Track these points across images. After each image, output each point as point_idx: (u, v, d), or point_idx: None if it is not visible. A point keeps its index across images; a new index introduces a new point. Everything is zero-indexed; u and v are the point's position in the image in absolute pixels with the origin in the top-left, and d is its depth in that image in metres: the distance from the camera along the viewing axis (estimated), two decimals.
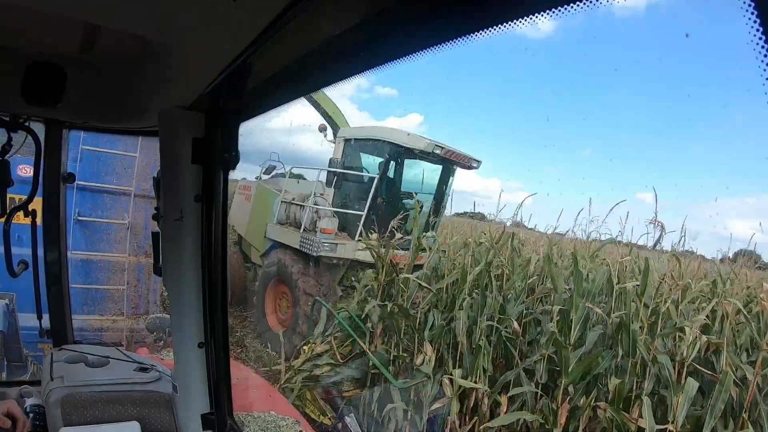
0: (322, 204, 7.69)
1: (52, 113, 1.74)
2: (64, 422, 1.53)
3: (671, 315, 3.98)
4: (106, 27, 0.99)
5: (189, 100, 1.27)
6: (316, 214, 7.42)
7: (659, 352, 3.80)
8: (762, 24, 0.37)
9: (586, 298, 4.18)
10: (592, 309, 4.14)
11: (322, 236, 7.10)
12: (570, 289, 4.37)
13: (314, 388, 5.24)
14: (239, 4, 0.67)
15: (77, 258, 5.46)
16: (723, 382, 3.41)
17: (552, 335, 4.10)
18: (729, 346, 3.67)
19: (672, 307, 4.00)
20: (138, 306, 5.99)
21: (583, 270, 4.38)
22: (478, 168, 8.01)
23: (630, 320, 3.94)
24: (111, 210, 5.73)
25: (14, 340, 3.96)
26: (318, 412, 5.09)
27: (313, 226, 7.35)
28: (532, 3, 0.50)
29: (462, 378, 4.30)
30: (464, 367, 4.51)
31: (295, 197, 8.11)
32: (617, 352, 3.97)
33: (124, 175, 5.72)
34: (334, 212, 7.52)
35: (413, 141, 7.27)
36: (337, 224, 7.38)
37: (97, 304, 5.68)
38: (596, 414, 3.86)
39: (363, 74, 0.80)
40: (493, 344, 4.49)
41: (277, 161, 9.72)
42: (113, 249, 5.77)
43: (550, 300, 4.67)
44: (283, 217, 8.09)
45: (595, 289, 4.35)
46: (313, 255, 7.05)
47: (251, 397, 3.77)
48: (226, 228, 1.49)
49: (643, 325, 3.95)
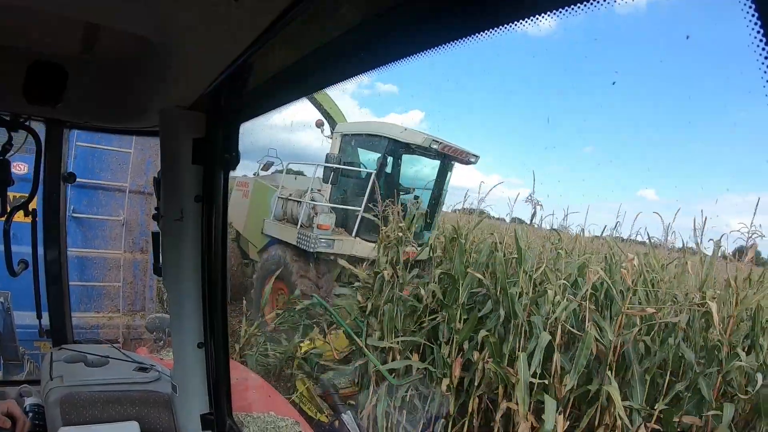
0: (319, 200, 7.67)
1: (52, 113, 1.74)
2: (64, 422, 1.53)
3: (549, 281, 4.46)
4: (106, 27, 1.00)
5: (189, 100, 1.27)
6: (313, 210, 7.39)
7: (534, 314, 4.27)
8: (762, 24, 0.37)
9: (475, 268, 4.68)
10: (474, 275, 4.60)
11: (319, 232, 7.08)
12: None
13: (311, 384, 5.27)
14: (240, 4, 0.67)
15: (73, 255, 5.43)
16: (584, 340, 3.83)
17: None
18: (598, 310, 4.21)
19: (551, 275, 4.49)
20: (134, 303, 5.97)
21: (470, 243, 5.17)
22: (476, 163, 8.01)
23: (508, 286, 4.40)
24: (106, 206, 5.69)
25: (10, 338, 3.95)
26: (315, 409, 5.11)
27: (310, 222, 7.33)
28: (533, 3, 0.50)
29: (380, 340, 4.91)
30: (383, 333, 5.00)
31: (292, 193, 8.10)
32: (500, 315, 4.42)
33: (119, 171, 5.68)
34: (331, 208, 7.50)
35: (410, 136, 7.28)
36: (334, 220, 7.36)
37: (93, 301, 5.66)
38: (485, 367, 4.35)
39: (363, 74, 0.80)
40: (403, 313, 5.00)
41: (275, 157, 9.74)
42: (109, 246, 5.74)
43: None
44: (281, 213, 8.07)
45: (481, 260, 4.82)
46: (311, 251, 7.04)
47: (250, 398, 3.77)
48: (227, 228, 1.49)
49: (522, 291, 4.38)
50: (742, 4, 0.37)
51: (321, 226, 7.16)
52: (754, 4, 0.37)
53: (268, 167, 9.79)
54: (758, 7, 0.37)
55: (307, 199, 7.55)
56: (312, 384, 5.27)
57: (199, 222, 1.43)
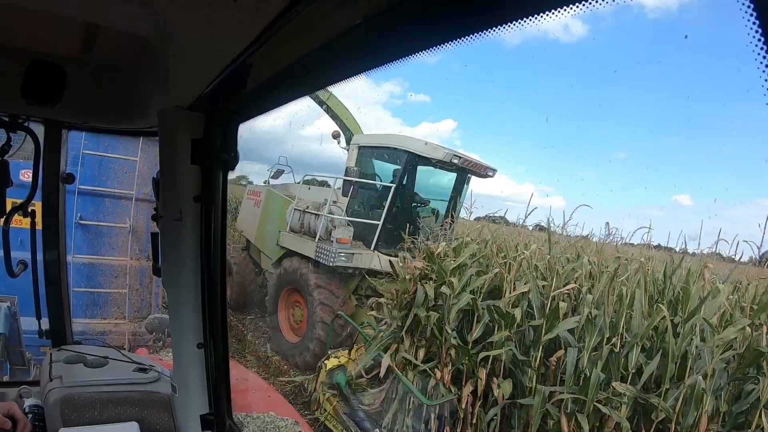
0: (336, 213, 7.59)
1: (51, 113, 1.74)
2: (63, 423, 1.53)
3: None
4: (105, 27, 1.00)
5: (188, 101, 1.27)
6: (331, 223, 7.30)
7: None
8: (762, 24, 0.37)
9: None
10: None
11: (338, 246, 7.00)
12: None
13: (337, 403, 5.20)
14: (239, 5, 0.67)
15: (79, 262, 5.45)
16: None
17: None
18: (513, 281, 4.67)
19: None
20: (140, 309, 6.00)
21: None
22: (493, 176, 7.93)
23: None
24: (112, 214, 5.74)
25: (16, 343, 3.93)
26: (341, 427, 5.02)
27: (328, 235, 7.24)
28: (533, 3, 0.50)
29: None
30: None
31: (309, 205, 7.99)
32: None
33: (125, 179, 5.74)
34: (349, 221, 7.40)
35: (431, 150, 7.19)
36: (352, 233, 7.28)
37: (99, 307, 5.69)
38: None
39: (363, 74, 0.80)
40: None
41: (285, 165, 9.72)
42: (115, 252, 5.79)
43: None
44: (297, 225, 7.97)
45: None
46: (329, 265, 6.96)
47: (250, 398, 3.77)
48: (226, 228, 1.49)
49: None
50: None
51: (340, 239, 7.08)
52: (753, 4, 0.37)
53: (278, 175, 9.77)
54: (758, 7, 0.37)
55: (325, 211, 7.44)
56: (338, 402, 5.20)
57: (199, 222, 1.42)
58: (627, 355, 4.05)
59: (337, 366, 5.46)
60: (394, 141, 7.61)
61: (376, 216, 7.40)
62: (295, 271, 7.50)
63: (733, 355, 3.81)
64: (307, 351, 7.02)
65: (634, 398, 3.88)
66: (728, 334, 3.75)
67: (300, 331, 7.44)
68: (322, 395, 5.34)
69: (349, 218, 7.49)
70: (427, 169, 7.65)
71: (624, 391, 3.87)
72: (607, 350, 4.05)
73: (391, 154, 7.74)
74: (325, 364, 5.54)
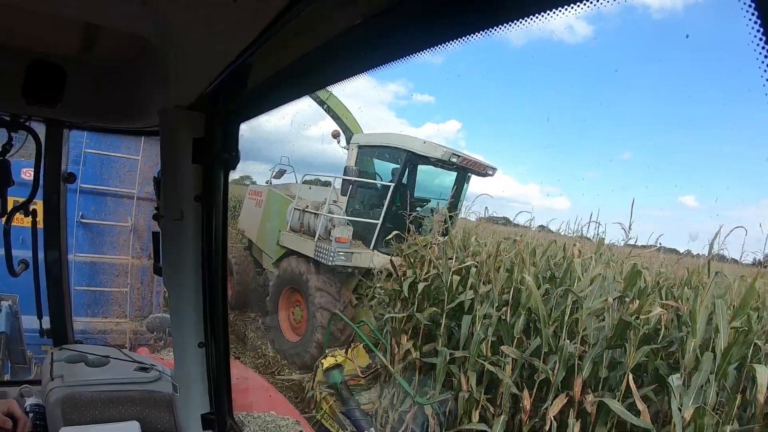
0: (336, 212, 7.59)
1: (52, 113, 1.74)
2: (64, 422, 1.53)
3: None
4: (106, 27, 1.00)
5: (189, 100, 1.27)
6: (330, 223, 7.31)
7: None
8: (762, 24, 0.37)
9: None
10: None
11: (337, 245, 7.01)
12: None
13: (333, 402, 5.24)
14: (239, 4, 0.67)
15: (81, 260, 5.46)
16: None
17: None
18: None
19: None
20: (141, 308, 6.00)
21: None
22: (493, 175, 7.93)
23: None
24: (114, 213, 5.74)
25: (18, 342, 3.93)
26: (337, 426, 5.05)
27: (327, 235, 7.25)
28: (533, 3, 0.50)
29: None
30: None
31: (308, 205, 8.00)
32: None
33: (126, 178, 5.74)
34: (348, 221, 7.40)
35: (430, 149, 7.19)
36: (351, 232, 7.28)
37: (100, 306, 5.69)
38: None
39: (363, 74, 0.80)
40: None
41: (287, 165, 9.72)
42: (116, 251, 5.79)
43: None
44: (297, 224, 7.99)
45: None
46: (328, 264, 6.98)
47: (251, 398, 3.77)
48: (227, 228, 1.49)
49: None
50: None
51: (339, 239, 7.08)
52: (753, 4, 0.37)
53: (280, 175, 9.77)
54: (758, 7, 0.37)
55: (324, 211, 7.46)
56: (334, 401, 5.24)
57: (199, 221, 1.42)
58: (515, 323, 4.67)
59: (334, 365, 5.50)
60: (393, 140, 7.61)
61: (376, 215, 7.41)
62: (295, 270, 7.52)
63: (611, 326, 4.10)
64: (306, 350, 7.05)
65: (523, 361, 4.46)
66: (595, 305, 4.21)
67: (300, 331, 7.47)
68: (319, 394, 5.38)
69: (349, 217, 7.49)
70: (427, 168, 7.65)
71: (510, 353, 4.48)
72: (495, 317, 4.73)
73: (390, 153, 7.73)
74: (322, 363, 5.57)
